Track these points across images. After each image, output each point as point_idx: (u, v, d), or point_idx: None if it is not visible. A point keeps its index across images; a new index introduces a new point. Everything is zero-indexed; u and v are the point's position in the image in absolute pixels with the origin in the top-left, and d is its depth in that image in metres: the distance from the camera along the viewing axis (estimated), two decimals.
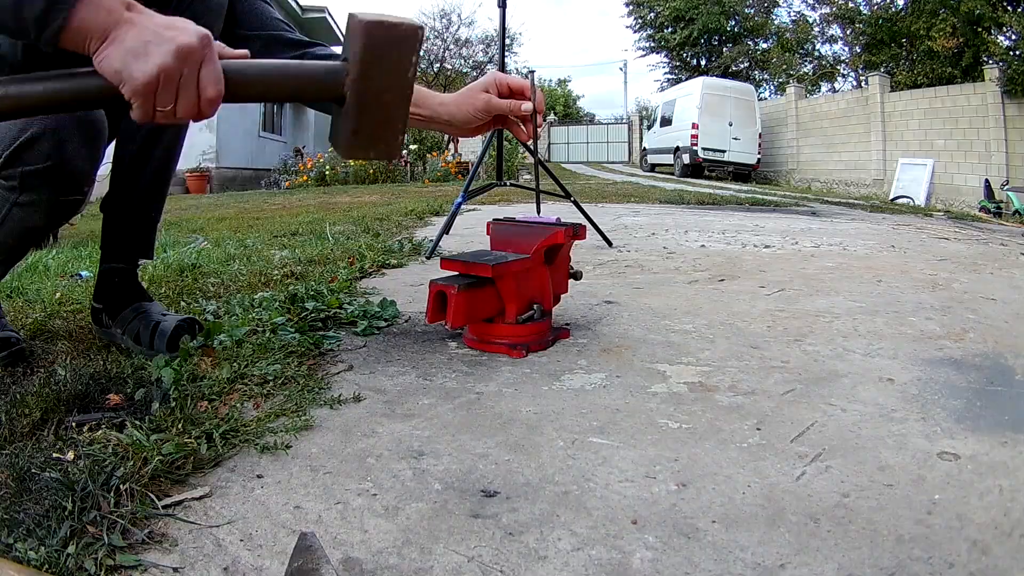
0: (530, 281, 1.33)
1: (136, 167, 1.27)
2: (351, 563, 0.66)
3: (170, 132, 1.28)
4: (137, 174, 1.28)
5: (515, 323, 1.30)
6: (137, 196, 1.29)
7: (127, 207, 1.30)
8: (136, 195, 1.29)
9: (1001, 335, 1.43)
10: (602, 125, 29.71)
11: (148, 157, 1.27)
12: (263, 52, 1.27)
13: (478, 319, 1.30)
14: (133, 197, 1.29)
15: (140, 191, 1.29)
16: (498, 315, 1.31)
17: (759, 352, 1.31)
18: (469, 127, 1.26)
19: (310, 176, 11.04)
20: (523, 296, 1.31)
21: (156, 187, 1.31)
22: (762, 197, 6.20)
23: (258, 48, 1.27)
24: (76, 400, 0.98)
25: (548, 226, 1.39)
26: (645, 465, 0.86)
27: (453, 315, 1.21)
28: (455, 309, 1.21)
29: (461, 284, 1.22)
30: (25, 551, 0.63)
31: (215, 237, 3.26)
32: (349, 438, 0.93)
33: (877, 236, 3.14)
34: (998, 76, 11.24)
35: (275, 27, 1.27)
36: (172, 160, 1.31)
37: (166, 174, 1.32)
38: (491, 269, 1.23)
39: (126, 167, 1.27)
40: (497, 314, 1.31)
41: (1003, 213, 9.72)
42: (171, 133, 1.28)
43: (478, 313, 1.28)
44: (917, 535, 0.70)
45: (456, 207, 2.77)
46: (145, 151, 1.27)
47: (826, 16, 19.49)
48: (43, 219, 1.00)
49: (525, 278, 1.31)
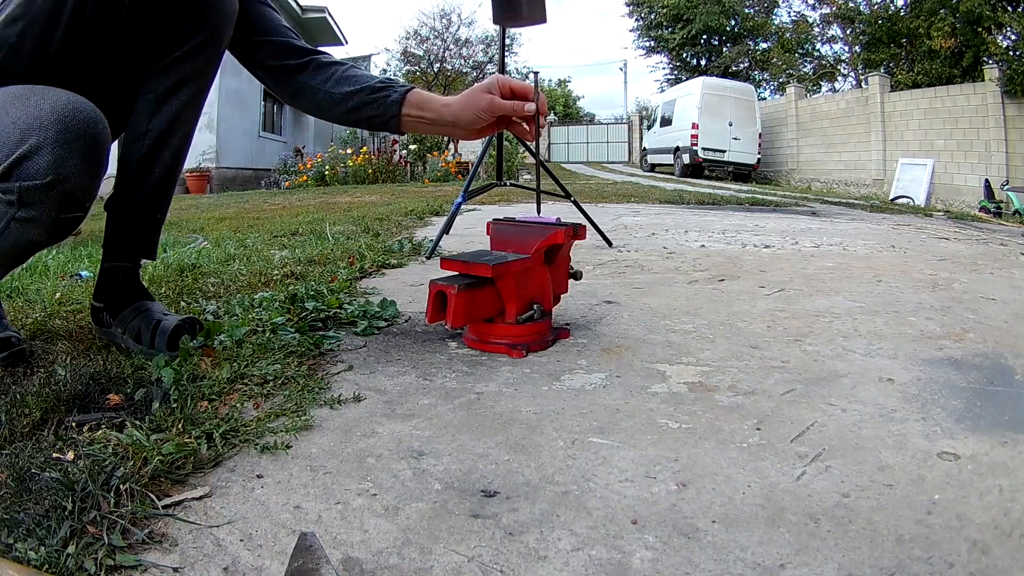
0: (530, 281, 1.33)
1: (144, 169, 1.26)
2: (351, 563, 0.66)
3: (179, 134, 1.27)
4: (144, 176, 1.27)
5: (515, 323, 1.30)
6: (143, 197, 1.28)
7: (132, 208, 1.29)
8: (142, 196, 1.28)
9: (1001, 335, 1.43)
10: (602, 125, 29.72)
11: (156, 159, 1.26)
12: (273, 56, 1.31)
13: (478, 319, 1.30)
14: (139, 198, 1.28)
15: (146, 192, 1.28)
16: (498, 315, 1.31)
17: (759, 352, 1.31)
18: (473, 128, 1.27)
19: (310, 176, 11.03)
20: (523, 296, 1.31)
21: (163, 189, 1.30)
22: (762, 197, 6.20)
23: (269, 52, 1.31)
24: (76, 400, 0.98)
25: (548, 226, 1.39)
26: (645, 465, 0.86)
27: (453, 315, 1.21)
28: (455, 309, 1.21)
29: (461, 284, 1.22)
30: (25, 551, 0.63)
31: (215, 237, 3.26)
32: (349, 438, 0.93)
33: (877, 236, 3.14)
34: (998, 76, 11.24)
35: (284, 34, 1.32)
36: (180, 162, 1.31)
37: (173, 176, 1.31)
38: (491, 269, 1.23)
39: (133, 168, 1.26)
40: (497, 314, 1.31)
41: (1003, 213, 9.72)
42: (180, 135, 1.27)
43: (478, 313, 1.28)
44: (917, 535, 0.70)
45: (456, 207, 2.77)
46: (154, 153, 1.25)
47: (826, 16, 19.50)
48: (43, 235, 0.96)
49: (525, 278, 1.31)
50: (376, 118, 1.29)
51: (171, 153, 1.28)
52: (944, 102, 12.56)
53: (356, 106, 1.28)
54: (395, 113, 1.27)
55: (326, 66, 1.31)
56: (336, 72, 1.30)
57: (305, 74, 1.30)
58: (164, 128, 1.24)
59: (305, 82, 1.30)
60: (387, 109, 1.27)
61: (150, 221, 1.32)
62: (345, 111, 1.30)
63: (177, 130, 1.26)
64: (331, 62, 1.32)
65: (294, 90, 1.32)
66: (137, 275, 1.36)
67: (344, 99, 1.29)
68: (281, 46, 1.31)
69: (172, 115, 1.24)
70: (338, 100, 1.29)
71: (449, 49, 19.35)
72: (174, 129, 1.26)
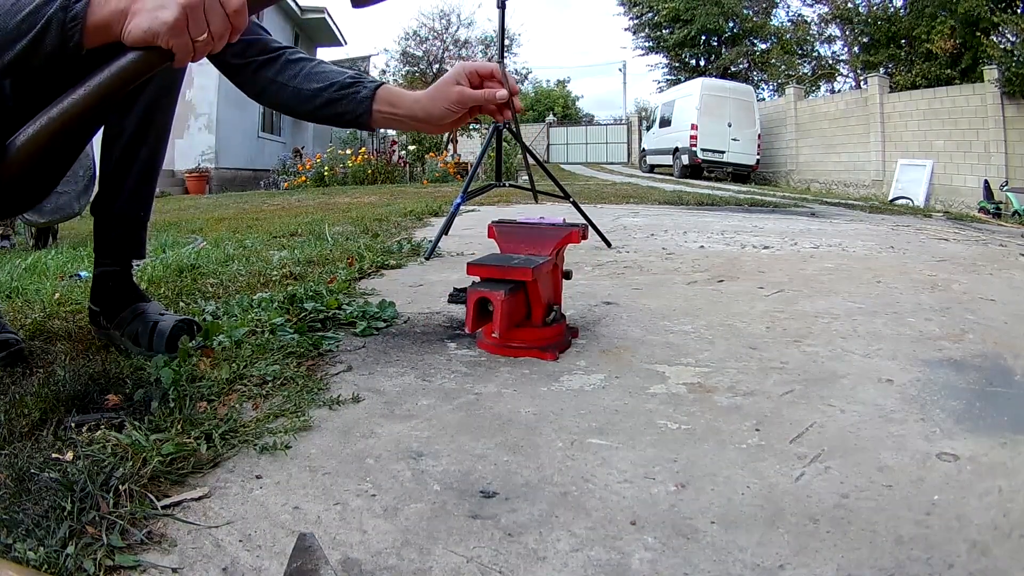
0: (548, 282, 1.33)
1: (122, 168, 1.27)
2: (350, 564, 0.66)
3: (154, 131, 1.27)
4: (123, 175, 1.28)
5: (543, 325, 1.29)
6: (124, 197, 1.29)
7: (115, 208, 1.30)
8: (123, 196, 1.29)
9: (1000, 336, 1.43)
10: (601, 126, 29.72)
11: (134, 157, 1.27)
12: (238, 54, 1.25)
13: (514, 324, 1.27)
14: (120, 198, 1.29)
15: (127, 192, 1.29)
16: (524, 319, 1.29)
17: (758, 353, 1.31)
18: (445, 122, 1.23)
19: (309, 177, 11.03)
20: (545, 298, 1.30)
21: (143, 187, 1.31)
22: (761, 198, 6.20)
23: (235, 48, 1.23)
24: (75, 400, 0.98)
25: (561, 227, 1.39)
26: (644, 466, 0.86)
27: (501, 322, 1.16)
28: (503, 315, 1.16)
29: (506, 290, 1.18)
30: (24, 551, 0.63)
31: (214, 237, 3.26)
32: (348, 439, 0.93)
33: (876, 237, 3.14)
34: (997, 78, 11.26)
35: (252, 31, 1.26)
36: (158, 159, 1.30)
37: (152, 174, 1.31)
38: (531, 272, 1.20)
39: (112, 169, 1.27)
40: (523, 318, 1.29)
41: (1002, 214, 9.72)
42: (155, 132, 1.27)
43: (516, 318, 1.25)
44: (916, 536, 0.70)
45: (455, 208, 2.77)
46: (130, 152, 1.26)
47: (824, 16, 19.52)
48: None
49: (546, 280, 1.31)
50: (346, 115, 1.24)
51: (148, 151, 1.28)
52: (943, 103, 12.58)
53: (325, 102, 1.24)
54: (366, 109, 1.23)
55: (294, 62, 1.26)
56: (304, 68, 1.25)
57: (272, 70, 1.25)
58: (136, 127, 1.24)
59: (272, 79, 1.25)
60: (357, 106, 1.23)
61: (134, 220, 1.32)
62: (314, 108, 1.25)
63: (151, 127, 1.26)
64: (300, 58, 1.27)
65: (260, 88, 1.27)
66: (130, 277, 1.36)
67: (312, 96, 1.24)
68: (248, 43, 1.25)
69: (142, 113, 1.24)
70: (306, 97, 1.24)
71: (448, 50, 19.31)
72: (147, 127, 1.26)
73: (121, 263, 1.34)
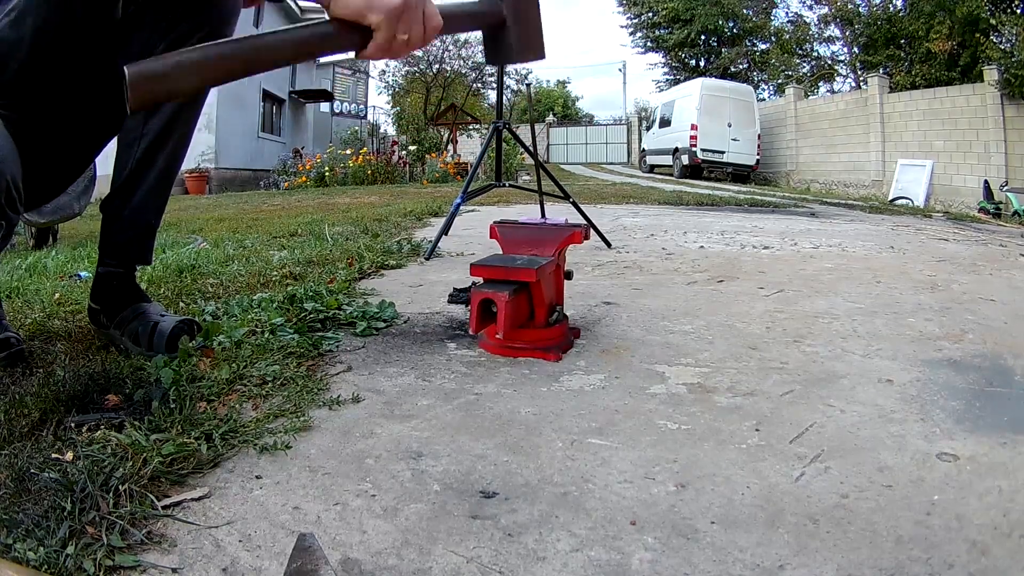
0: (550, 283, 1.32)
1: (139, 173, 1.25)
2: (350, 564, 0.66)
3: (176, 136, 1.25)
4: (139, 180, 1.25)
5: (546, 326, 1.29)
6: (138, 202, 1.27)
7: (127, 213, 1.28)
8: (137, 201, 1.27)
9: (1000, 336, 1.43)
10: (601, 126, 29.70)
11: (153, 161, 1.25)
12: None
13: (517, 325, 1.27)
14: (133, 203, 1.27)
15: (141, 197, 1.27)
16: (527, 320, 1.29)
17: (758, 353, 1.31)
18: None
19: (309, 177, 11.04)
20: (548, 298, 1.30)
21: (158, 193, 1.29)
22: (761, 198, 6.20)
23: None
24: (75, 400, 0.98)
25: (564, 227, 1.39)
26: (644, 466, 0.86)
27: (506, 323, 1.17)
28: (507, 316, 1.16)
29: (510, 291, 1.19)
30: (24, 551, 0.63)
31: (214, 238, 3.26)
32: (348, 439, 0.93)
33: (876, 237, 3.14)
34: (997, 78, 11.26)
35: None
36: (176, 165, 1.29)
37: (169, 180, 1.29)
38: (535, 273, 1.21)
39: (129, 171, 1.24)
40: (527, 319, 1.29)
41: (1002, 214, 9.72)
42: (177, 137, 1.26)
43: (519, 319, 1.25)
44: (916, 536, 0.70)
45: (455, 208, 2.77)
46: (149, 156, 1.24)
47: (824, 16, 19.52)
48: None
49: (549, 280, 1.31)
50: None
51: (167, 157, 1.26)
52: (943, 103, 12.58)
53: None
54: None
55: None
56: None
57: None
58: (160, 130, 1.23)
59: None
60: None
61: (144, 227, 1.31)
62: None
63: (174, 132, 1.25)
64: None
65: None
66: (133, 279, 1.35)
67: None
68: None
69: (168, 116, 1.23)
70: None
71: (448, 50, 19.31)
72: (171, 131, 1.24)
73: (126, 266, 1.34)
